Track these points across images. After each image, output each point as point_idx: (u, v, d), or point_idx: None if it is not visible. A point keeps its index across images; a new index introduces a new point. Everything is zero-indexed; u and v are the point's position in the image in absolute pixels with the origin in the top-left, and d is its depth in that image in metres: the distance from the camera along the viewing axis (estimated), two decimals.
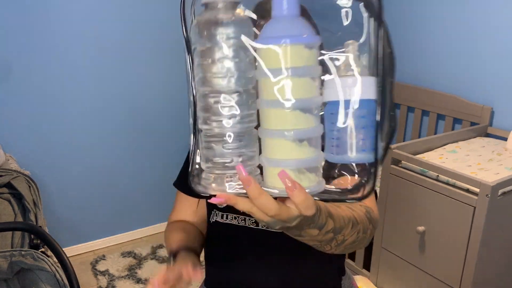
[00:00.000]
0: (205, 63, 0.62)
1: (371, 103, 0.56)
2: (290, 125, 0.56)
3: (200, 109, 0.62)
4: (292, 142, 0.56)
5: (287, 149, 0.57)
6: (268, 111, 0.58)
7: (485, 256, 1.77)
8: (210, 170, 0.62)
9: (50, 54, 2.37)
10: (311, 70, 0.57)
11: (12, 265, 1.19)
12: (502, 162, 1.99)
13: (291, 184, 0.54)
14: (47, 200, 2.46)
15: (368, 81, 0.57)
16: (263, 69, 0.56)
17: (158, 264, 2.62)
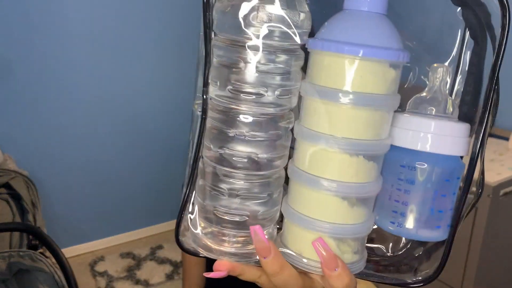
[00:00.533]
0: (228, 63, 0.42)
1: (458, 162, 0.41)
2: (348, 175, 0.39)
3: (210, 133, 0.44)
4: (343, 200, 0.40)
5: (333, 208, 0.40)
6: (312, 148, 0.40)
7: (486, 256, 1.77)
8: (208, 224, 0.45)
9: (49, 54, 2.36)
10: (393, 101, 0.41)
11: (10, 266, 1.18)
12: (504, 162, 1.98)
13: (332, 261, 0.39)
14: (45, 200, 2.45)
15: (462, 129, 0.41)
16: (316, 86, 0.39)
17: (157, 265, 2.61)
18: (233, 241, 0.44)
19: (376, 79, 0.38)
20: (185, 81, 2.85)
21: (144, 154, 2.81)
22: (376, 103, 0.38)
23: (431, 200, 0.40)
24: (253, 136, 0.41)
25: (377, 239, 0.46)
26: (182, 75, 2.83)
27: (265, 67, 0.39)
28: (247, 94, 0.40)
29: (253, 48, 0.39)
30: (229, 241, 0.44)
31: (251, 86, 0.40)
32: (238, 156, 0.41)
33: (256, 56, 0.39)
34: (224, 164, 0.42)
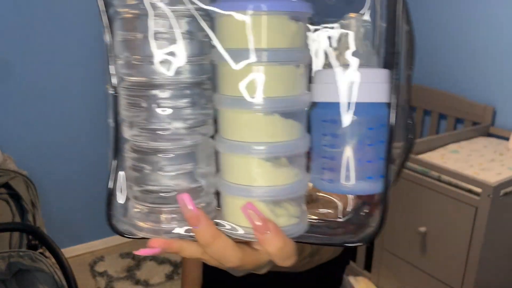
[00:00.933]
0: (131, 38, 0.40)
1: (382, 109, 0.39)
2: (264, 135, 0.38)
3: (125, 109, 0.43)
4: (267, 161, 0.39)
5: (258, 171, 0.39)
6: (231, 114, 0.40)
7: (487, 256, 1.76)
8: (139, 201, 0.43)
9: (50, 54, 2.36)
10: (298, 54, 0.39)
11: (10, 266, 1.18)
12: (504, 162, 1.98)
13: (262, 224, 0.38)
14: (45, 200, 2.44)
15: (380, 75, 0.40)
16: (222, 50, 0.38)
17: (157, 265, 2.61)
18: (167, 218, 0.42)
19: (275, 34, 0.36)
20: None
21: None
22: (279, 58, 0.37)
23: (357, 151, 0.39)
24: (170, 105, 0.39)
25: (323, 201, 0.45)
26: None
27: (168, 35, 0.38)
28: (156, 64, 0.39)
29: (159, 17, 0.38)
30: (164, 218, 0.42)
31: (154, 56, 0.39)
32: (158, 129, 0.40)
33: (159, 25, 0.38)
34: (144, 139, 0.42)
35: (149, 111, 0.40)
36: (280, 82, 0.37)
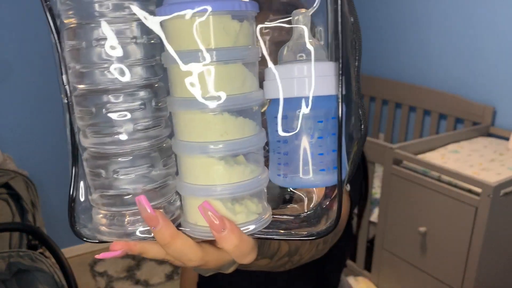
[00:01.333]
0: (77, 47, 0.41)
1: (331, 101, 0.39)
2: (215, 134, 0.39)
3: (79, 117, 0.45)
4: (221, 159, 0.39)
5: (214, 170, 0.40)
6: (182, 115, 0.40)
7: (487, 256, 1.76)
8: (101, 206, 0.43)
9: (50, 54, 2.35)
10: (244, 52, 0.39)
11: (10, 266, 1.18)
12: (504, 162, 1.98)
13: (218, 223, 0.38)
14: (45, 200, 2.45)
15: (326, 68, 0.40)
16: (171, 52, 0.38)
17: (157, 265, 2.61)
18: (129, 221, 0.43)
19: (218, 33, 0.37)
20: None
21: None
22: (224, 57, 0.38)
23: (308, 145, 0.40)
24: (122, 109, 0.40)
25: (295, 199, 0.46)
26: None
27: (116, 40, 0.39)
28: (106, 70, 0.40)
29: (107, 23, 0.39)
30: (126, 221, 0.43)
31: (105, 62, 0.40)
32: (112, 134, 0.41)
33: (106, 31, 0.39)
34: (99, 145, 0.42)
35: (101, 117, 0.41)
36: (227, 80, 0.38)
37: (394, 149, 2.02)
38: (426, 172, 1.92)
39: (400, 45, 2.80)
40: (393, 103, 2.87)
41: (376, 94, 2.96)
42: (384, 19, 2.87)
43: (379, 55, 2.93)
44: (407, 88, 2.74)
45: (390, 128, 2.92)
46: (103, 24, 0.38)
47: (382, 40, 2.90)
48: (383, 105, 2.97)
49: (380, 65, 2.94)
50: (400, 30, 2.77)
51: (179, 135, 0.41)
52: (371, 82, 2.97)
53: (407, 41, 2.74)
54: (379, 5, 2.88)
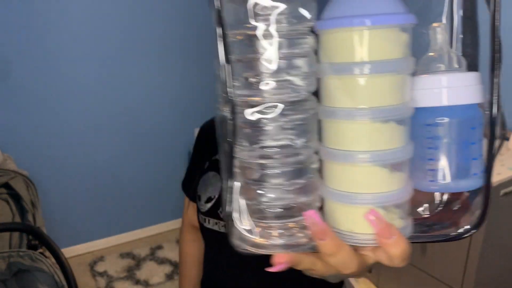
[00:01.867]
0: (246, 59, 0.42)
1: (477, 110, 0.42)
2: (380, 143, 0.41)
3: (243, 127, 0.44)
4: (384, 167, 0.41)
5: (375, 178, 0.41)
6: (341, 125, 0.41)
7: (486, 256, 1.77)
8: (255, 220, 0.45)
9: (50, 54, 2.36)
10: (409, 62, 0.41)
11: (10, 266, 1.18)
12: (504, 162, 1.98)
13: (387, 230, 0.40)
14: (45, 200, 2.45)
15: (472, 78, 0.42)
16: (334, 65, 0.40)
17: (157, 265, 2.61)
18: (282, 233, 0.44)
19: (390, 45, 0.40)
20: (187, 81, 2.85)
21: (144, 155, 2.81)
22: (396, 68, 0.40)
23: (462, 150, 0.42)
24: (286, 122, 0.42)
25: (412, 203, 0.47)
26: (184, 76, 2.83)
27: (283, 54, 0.41)
28: (270, 84, 0.41)
29: (268, 37, 0.40)
30: (278, 233, 0.44)
31: (272, 75, 0.41)
32: (274, 147, 0.42)
33: (272, 45, 0.40)
34: (260, 157, 0.43)
35: (268, 129, 0.42)
36: (395, 90, 0.40)
37: None
38: None
39: None
40: None
41: None
42: None
43: None
44: None
45: None
46: (274, 38, 0.40)
47: None
48: None
49: None
50: None
51: (337, 144, 0.42)
52: None
53: None
54: None
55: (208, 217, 0.96)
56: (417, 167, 0.44)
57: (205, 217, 0.96)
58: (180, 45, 2.76)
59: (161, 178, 2.86)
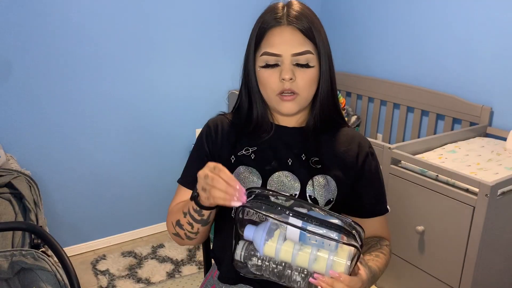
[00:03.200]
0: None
1: None
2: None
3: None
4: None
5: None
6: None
7: (484, 255, 1.78)
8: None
9: (50, 54, 2.37)
10: None
11: (13, 265, 1.19)
12: (502, 162, 1.99)
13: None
14: (47, 200, 2.47)
15: None
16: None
17: (159, 264, 2.62)
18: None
19: None
20: (188, 82, 2.86)
21: (146, 154, 2.82)
22: None
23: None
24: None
25: None
26: (184, 76, 2.84)
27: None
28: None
29: None
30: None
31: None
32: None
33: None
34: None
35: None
36: None
37: (392, 149, 2.03)
38: (424, 172, 1.93)
39: (398, 46, 2.80)
40: (391, 104, 2.88)
41: (374, 95, 2.97)
42: (382, 20, 2.87)
43: (377, 56, 2.95)
44: (405, 89, 2.75)
45: (388, 128, 2.93)
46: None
47: (380, 41, 2.91)
48: (381, 106, 2.98)
49: (379, 66, 2.95)
50: (397, 31, 2.78)
51: None
52: (369, 83, 2.98)
53: (405, 42, 2.75)
54: (377, 6, 2.89)
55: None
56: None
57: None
58: (180, 45, 2.77)
59: (163, 178, 2.87)
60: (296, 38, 1.01)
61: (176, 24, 2.71)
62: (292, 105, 1.05)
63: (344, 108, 3.08)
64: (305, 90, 1.04)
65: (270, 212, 0.82)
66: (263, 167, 1.08)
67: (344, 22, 3.16)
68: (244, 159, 1.10)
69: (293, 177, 1.07)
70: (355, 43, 3.10)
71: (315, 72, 1.04)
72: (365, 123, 3.13)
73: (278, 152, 1.10)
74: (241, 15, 2.93)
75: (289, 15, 1.03)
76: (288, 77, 1.00)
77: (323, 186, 1.05)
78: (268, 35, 1.03)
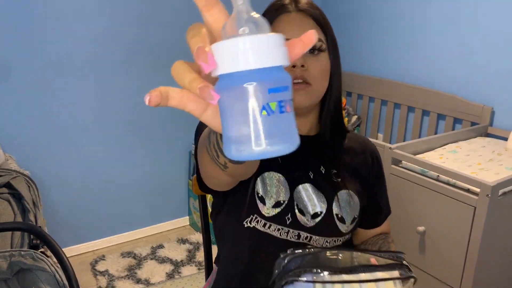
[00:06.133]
0: None
1: (279, 72, 0.43)
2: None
3: None
4: None
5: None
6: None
7: (485, 256, 1.77)
8: None
9: (50, 54, 2.37)
10: None
11: (12, 265, 1.19)
12: (503, 162, 1.98)
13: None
14: (46, 200, 2.46)
15: (278, 39, 0.41)
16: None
17: (158, 264, 2.62)
18: None
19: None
20: None
21: (146, 154, 2.82)
22: None
23: (278, 115, 0.40)
24: None
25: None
26: None
27: None
28: None
29: None
30: None
31: None
32: None
33: None
34: None
35: None
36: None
37: (393, 149, 2.03)
38: (425, 172, 1.93)
39: (399, 46, 2.80)
40: (392, 104, 2.88)
41: (375, 95, 2.97)
42: (383, 20, 2.87)
43: (378, 56, 2.94)
44: (405, 89, 2.74)
45: (389, 128, 2.93)
46: None
47: (381, 41, 2.91)
48: (382, 105, 2.97)
49: (379, 66, 2.95)
50: (399, 31, 2.78)
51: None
52: (370, 82, 2.98)
53: (406, 42, 2.75)
54: (377, 6, 2.89)
55: (271, 223, 0.90)
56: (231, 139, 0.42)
57: (268, 222, 0.91)
58: (181, 46, 2.76)
59: (162, 178, 2.87)
60: (305, 24, 0.91)
61: (177, 24, 2.70)
62: (305, 96, 0.91)
63: (345, 108, 3.08)
64: (317, 80, 0.92)
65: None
66: (293, 173, 0.95)
67: (345, 21, 3.16)
68: (272, 160, 0.93)
69: (318, 192, 0.96)
70: (355, 42, 3.10)
71: (327, 61, 0.94)
72: (365, 123, 3.12)
73: (299, 163, 0.97)
74: None
75: (297, 1, 0.93)
76: (299, 63, 0.89)
77: (348, 202, 0.97)
78: (275, 23, 0.92)
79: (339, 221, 0.95)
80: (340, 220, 0.95)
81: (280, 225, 0.91)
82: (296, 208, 0.93)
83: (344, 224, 0.96)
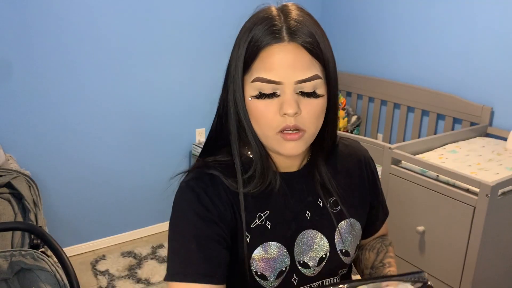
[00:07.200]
0: None
1: None
2: None
3: None
4: None
5: None
6: None
7: (485, 256, 1.78)
8: None
9: (50, 54, 2.37)
10: None
11: (12, 265, 1.19)
12: (502, 162, 1.99)
13: None
14: (47, 200, 2.46)
15: None
16: None
17: (158, 264, 2.62)
18: None
19: None
20: (188, 81, 2.86)
21: (146, 154, 2.82)
22: None
23: None
24: None
25: None
26: (185, 76, 2.84)
27: None
28: None
29: None
30: None
31: None
32: None
33: None
34: None
35: None
36: None
37: (392, 149, 2.03)
38: (424, 172, 1.93)
39: (398, 46, 2.80)
40: (392, 104, 2.88)
41: (375, 95, 2.97)
42: (383, 21, 2.87)
43: (378, 56, 2.94)
44: (405, 89, 2.74)
45: (388, 128, 2.93)
46: None
47: (381, 41, 2.91)
48: (382, 106, 2.98)
49: (379, 66, 2.95)
50: (398, 31, 2.78)
51: None
52: (370, 83, 2.98)
53: (406, 42, 2.75)
54: (378, 6, 2.89)
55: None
56: None
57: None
58: (181, 46, 2.76)
59: (163, 178, 2.87)
60: (301, 59, 0.76)
61: (177, 24, 2.71)
62: (298, 144, 0.79)
63: (344, 108, 3.08)
64: (312, 124, 0.79)
65: None
66: (285, 235, 0.86)
67: (345, 22, 3.16)
68: (259, 232, 0.84)
69: (318, 234, 0.89)
70: (355, 42, 3.10)
71: (323, 100, 0.80)
72: (365, 123, 3.12)
73: (293, 208, 0.88)
74: (242, 15, 2.93)
75: (289, 26, 0.77)
76: (292, 111, 0.75)
77: (350, 232, 0.91)
78: (263, 55, 0.77)
79: (344, 256, 0.91)
80: (345, 255, 0.91)
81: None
82: (299, 265, 0.87)
83: (349, 256, 0.92)
